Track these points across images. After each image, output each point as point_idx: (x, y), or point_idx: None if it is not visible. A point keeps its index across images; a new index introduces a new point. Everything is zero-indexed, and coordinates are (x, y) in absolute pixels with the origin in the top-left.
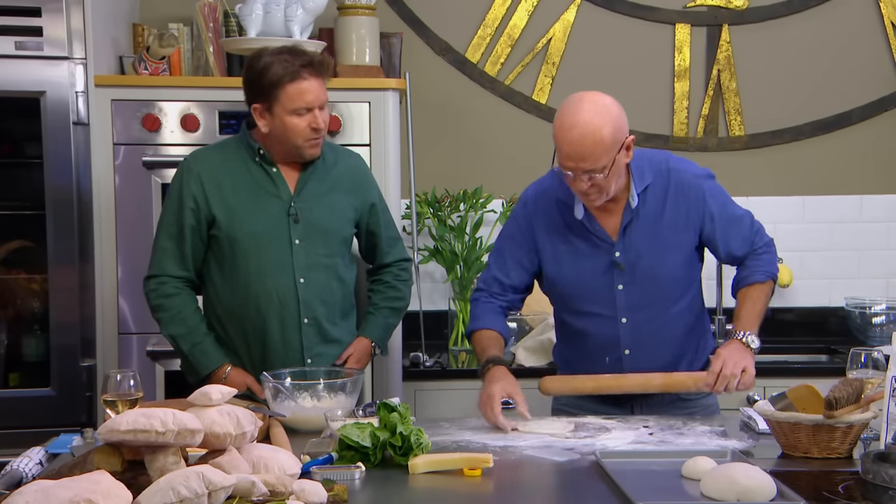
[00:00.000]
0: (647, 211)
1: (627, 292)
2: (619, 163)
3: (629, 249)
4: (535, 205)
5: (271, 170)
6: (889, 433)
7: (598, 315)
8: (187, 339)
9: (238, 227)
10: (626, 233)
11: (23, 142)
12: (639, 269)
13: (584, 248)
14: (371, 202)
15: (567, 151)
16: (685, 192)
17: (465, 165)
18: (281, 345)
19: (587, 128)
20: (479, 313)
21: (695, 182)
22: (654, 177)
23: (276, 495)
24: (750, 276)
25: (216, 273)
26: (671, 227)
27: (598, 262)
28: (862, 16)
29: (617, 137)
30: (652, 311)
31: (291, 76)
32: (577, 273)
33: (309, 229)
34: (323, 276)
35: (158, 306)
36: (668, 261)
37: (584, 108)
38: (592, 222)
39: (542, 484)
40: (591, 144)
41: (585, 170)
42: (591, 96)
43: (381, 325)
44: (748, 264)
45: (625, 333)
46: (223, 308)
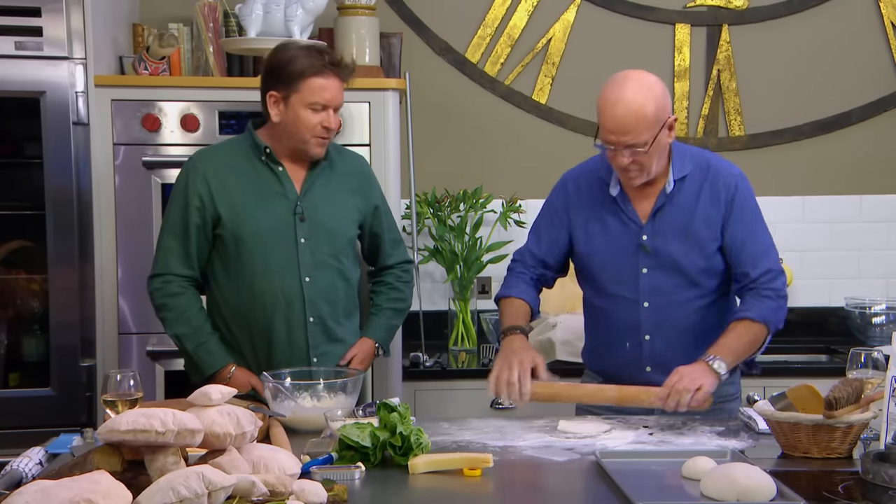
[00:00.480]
0: (681, 199)
1: (651, 276)
2: (662, 141)
3: (657, 234)
4: (574, 182)
5: (277, 169)
6: (889, 433)
7: (622, 297)
8: (192, 339)
9: (244, 226)
10: (656, 217)
11: (23, 142)
12: (664, 254)
13: (615, 228)
14: (375, 204)
15: (610, 126)
16: (720, 186)
17: (465, 165)
18: (287, 344)
19: (631, 103)
20: (510, 282)
21: (729, 180)
22: (693, 169)
23: (276, 495)
24: (743, 312)
25: (221, 272)
26: (701, 220)
27: (626, 243)
28: (862, 16)
29: (660, 115)
30: (674, 298)
31: (316, 70)
32: (606, 252)
33: (315, 228)
34: (328, 275)
35: (163, 305)
36: (693, 251)
37: (629, 84)
38: (626, 202)
39: (542, 484)
40: (634, 119)
41: (627, 144)
42: (635, 74)
43: (384, 325)
44: (748, 299)
45: (646, 318)
46: (228, 307)
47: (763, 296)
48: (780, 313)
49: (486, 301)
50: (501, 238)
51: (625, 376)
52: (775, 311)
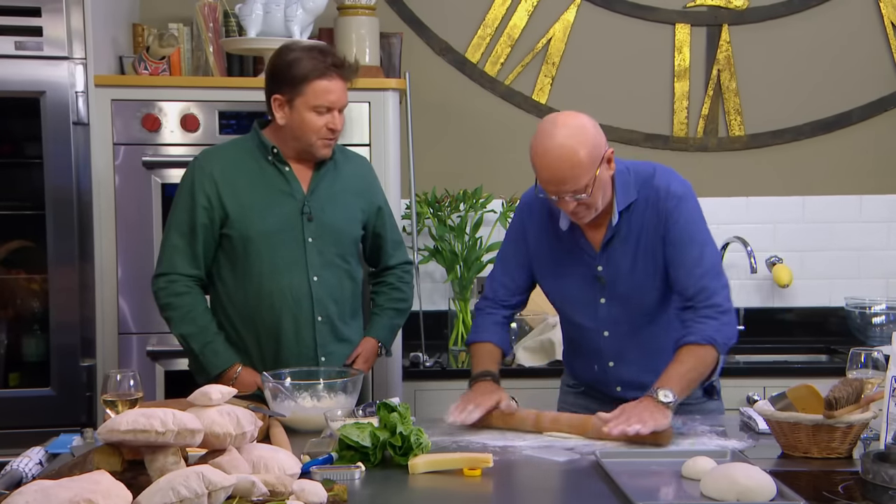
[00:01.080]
0: (628, 229)
1: (609, 306)
2: (602, 177)
3: (610, 264)
4: (528, 210)
5: (284, 169)
6: (889, 433)
7: (584, 326)
8: (198, 339)
9: (252, 226)
10: (607, 247)
11: (23, 142)
12: (618, 286)
13: (570, 260)
14: (378, 205)
15: (546, 177)
16: (659, 204)
17: (465, 165)
18: (295, 343)
19: (562, 151)
20: (479, 324)
21: (669, 196)
22: (640, 191)
23: (276, 495)
24: (685, 336)
25: (228, 272)
26: (647, 243)
27: (582, 274)
28: (862, 16)
29: (594, 155)
30: (632, 326)
31: (320, 73)
32: (563, 284)
33: (322, 228)
34: (336, 274)
35: (168, 305)
36: (645, 281)
37: (558, 132)
38: (577, 235)
39: (542, 484)
40: (569, 167)
41: (567, 192)
42: (563, 118)
43: (386, 325)
44: (688, 322)
45: (607, 346)
46: (235, 307)
47: (702, 316)
48: (726, 329)
49: None
50: (501, 238)
51: (599, 394)
52: (718, 329)
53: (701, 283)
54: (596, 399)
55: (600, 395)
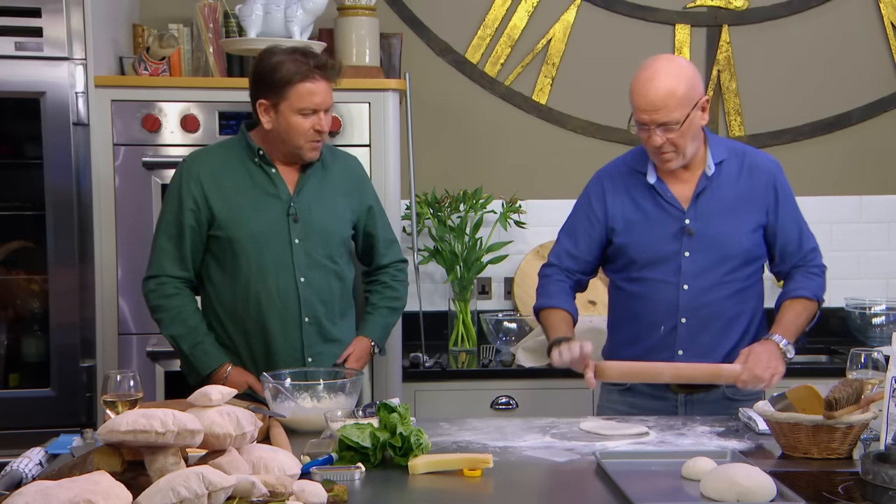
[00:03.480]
0: (722, 182)
1: (693, 259)
2: (694, 121)
3: (700, 216)
4: (609, 176)
5: (270, 170)
6: (889, 434)
7: (661, 281)
8: (188, 339)
9: (238, 227)
10: (698, 200)
11: (23, 142)
12: (708, 236)
13: (655, 214)
14: (368, 204)
15: (642, 104)
16: (758, 172)
17: (465, 166)
18: (282, 344)
19: (661, 79)
20: (551, 290)
21: (768, 165)
22: (730, 155)
23: (276, 496)
24: (798, 290)
25: (216, 273)
26: (743, 202)
27: (667, 228)
28: (862, 16)
29: (691, 94)
30: (715, 280)
31: (303, 76)
32: (647, 238)
33: (308, 229)
34: (323, 275)
35: (158, 307)
36: (737, 232)
37: (659, 64)
38: (664, 188)
39: (542, 484)
40: (665, 95)
41: (660, 122)
42: (665, 55)
43: (379, 324)
44: (797, 278)
45: (684, 300)
46: (223, 308)
47: (811, 273)
48: (824, 288)
49: (487, 302)
50: (501, 239)
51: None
52: (822, 286)
53: (809, 244)
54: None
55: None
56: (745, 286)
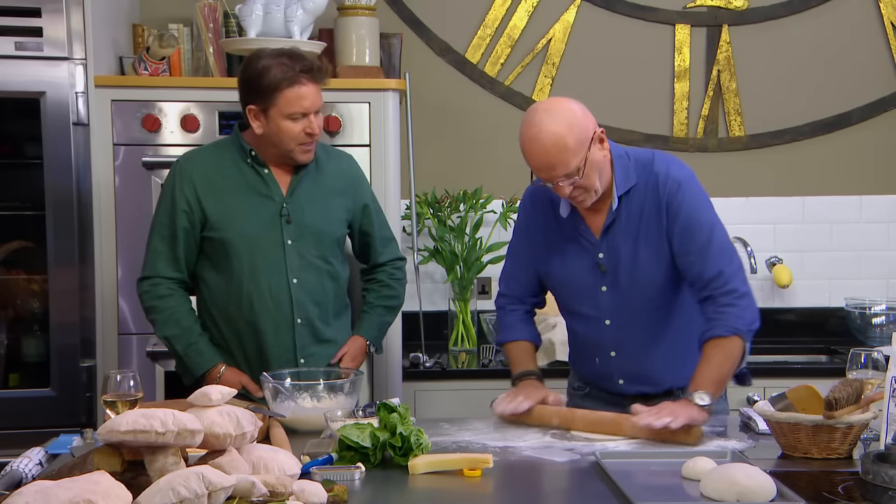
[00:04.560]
0: (628, 213)
1: (611, 294)
2: (594, 158)
3: (610, 251)
4: (531, 202)
5: (263, 171)
6: (889, 433)
7: (586, 316)
8: (181, 340)
9: (231, 228)
10: (607, 233)
11: (23, 142)
12: (620, 271)
13: (571, 248)
14: (364, 203)
15: (537, 164)
16: (659, 192)
17: (465, 166)
18: (274, 345)
19: (548, 137)
20: (507, 323)
21: (670, 182)
22: (640, 176)
23: (276, 496)
24: (709, 331)
25: (210, 273)
26: (647, 231)
27: (583, 262)
28: (862, 16)
29: (582, 136)
30: (634, 315)
31: (290, 81)
32: (565, 272)
33: (301, 230)
34: (316, 276)
35: (152, 307)
36: (647, 267)
37: (541, 118)
38: (578, 221)
39: (541, 484)
40: (557, 152)
41: (560, 176)
42: (545, 105)
43: (375, 323)
44: (709, 313)
45: (609, 335)
46: (217, 308)
47: (722, 304)
48: (748, 315)
49: (487, 301)
50: (501, 238)
51: (601, 387)
52: (739, 316)
53: (714, 268)
54: (601, 399)
55: (604, 392)
56: (671, 310)
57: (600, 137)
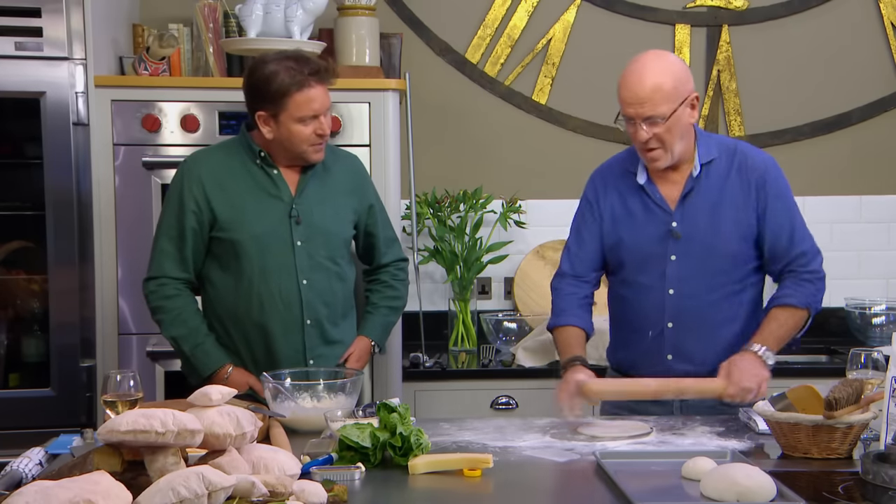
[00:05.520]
0: (709, 183)
1: (679, 263)
2: (682, 118)
3: (687, 219)
4: (601, 175)
5: (272, 172)
6: (889, 433)
7: (648, 285)
8: (188, 341)
9: (241, 229)
10: (685, 201)
11: (23, 142)
12: (694, 239)
13: (643, 215)
14: (369, 203)
15: (628, 97)
16: (749, 170)
17: (465, 166)
18: (283, 346)
19: (648, 74)
20: (562, 307)
21: (758, 163)
22: (720, 154)
23: (276, 496)
24: (785, 298)
25: (218, 274)
26: (731, 203)
27: (654, 230)
28: (862, 16)
29: (679, 89)
30: (700, 284)
31: (299, 85)
32: (634, 239)
33: (310, 231)
34: (325, 277)
35: (159, 308)
36: (724, 235)
37: (647, 58)
38: (653, 189)
39: (542, 484)
40: (651, 89)
41: (645, 116)
42: (656, 51)
43: (380, 323)
44: (787, 283)
45: (670, 305)
46: (225, 309)
47: (802, 279)
48: (820, 295)
49: (486, 302)
50: (501, 238)
51: (646, 365)
52: (815, 294)
53: (801, 247)
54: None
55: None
56: (737, 290)
57: (693, 103)
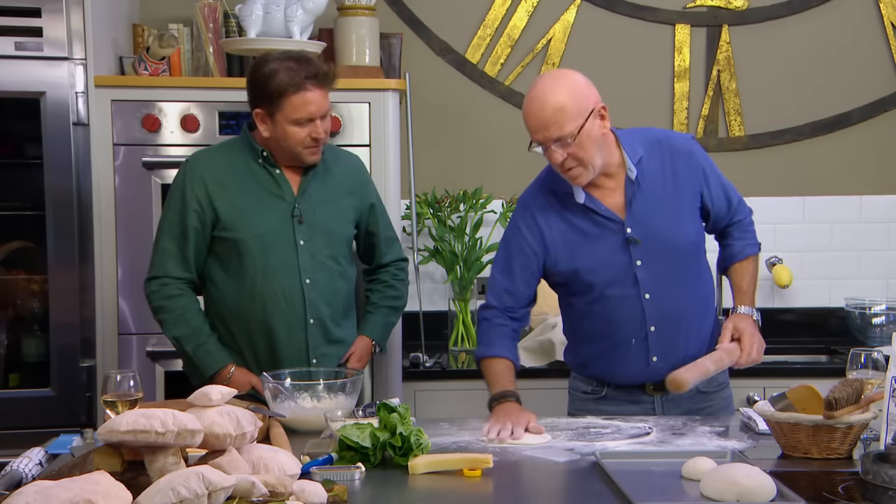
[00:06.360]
0: (648, 181)
1: (646, 267)
2: (591, 131)
3: (639, 222)
4: (534, 202)
5: (274, 171)
6: (889, 433)
7: (622, 296)
8: (191, 340)
9: (244, 229)
10: (632, 206)
11: (23, 142)
12: (653, 240)
13: (595, 232)
14: (370, 203)
15: (532, 124)
16: (678, 154)
17: (465, 166)
18: (287, 345)
19: (547, 97)
20: (491, 338)
21: (685, 144)
22: (646, 149)
23: (276, 496)
24: (744, 250)
25: (220, 273)
26: (674, 191)
27: (611, 243)
28: (862, 16)
29: (581, 104)
30: (672, 282)
31: (296, 87)
32: (594, 258)
33: (313, 230)
34: (328, 276)
35: (161, 308)
36: (680, 225)
37: (543, 82)
38: (596, 203)
39: (541, 484)
40: (552, 111)
41: (553, 139)
42: (553, 72)
43: (381, 323)
44: (737, 236)
45: (650, 309)
46: (227, 308)
47: (746, 224)
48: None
49: None
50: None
51: (628, 371)
52: (755, 233)
53: (734, 200)
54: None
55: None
56: (698, 272)
57: (601, 113)
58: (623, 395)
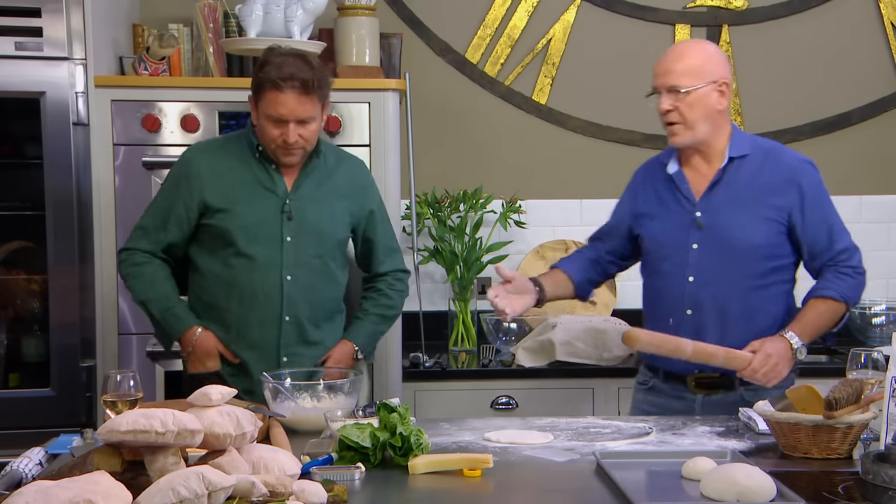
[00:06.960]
0: (738, 176)
1: (700, 252)
2: (706, 98)
3: (710, 209)
4: (643, 169)
5: (270, 166)
6: (889, 433)
7: (670, 273)
8: (158, 304)
9: (231, 219)
10: (711, 192)
11: (23, 142)
12: (717, 228)
13: (670, 205)
14: (370, 209)
15: (657, 68)
16: (780, 168)
17: (465, 166)
18: (259, 337)
19: (682, 50)
20: (571, 255)
21: (793, 163)
22: (754, 151)
23: (276, 496)
24: (823, 290)
25: (205, 261)
26: (758, 196)
27: (678, 220)
28: (862, 16)
29: (706, 68)
30: (720, 274)
31: (273, 84)
32: (659, 229)
33: (302, 228)
34: (310, 275)
35: (128, 275)
36: (746, 229)
37: (686, 41)
38: (681, 178)
39: (541, 484)
40: (678, 61)
41: (668, 85)
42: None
43: (366, 330)
44: (827, 276)
45: (689, 292)
46: (208, 295)
47: (842, 273)
48: (860, 290)
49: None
50: (501, 238)
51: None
52: (854, 288)
53: (843, 243)
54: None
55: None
56: (758, 285)
57: (721, 89)
58: (668, 388)
